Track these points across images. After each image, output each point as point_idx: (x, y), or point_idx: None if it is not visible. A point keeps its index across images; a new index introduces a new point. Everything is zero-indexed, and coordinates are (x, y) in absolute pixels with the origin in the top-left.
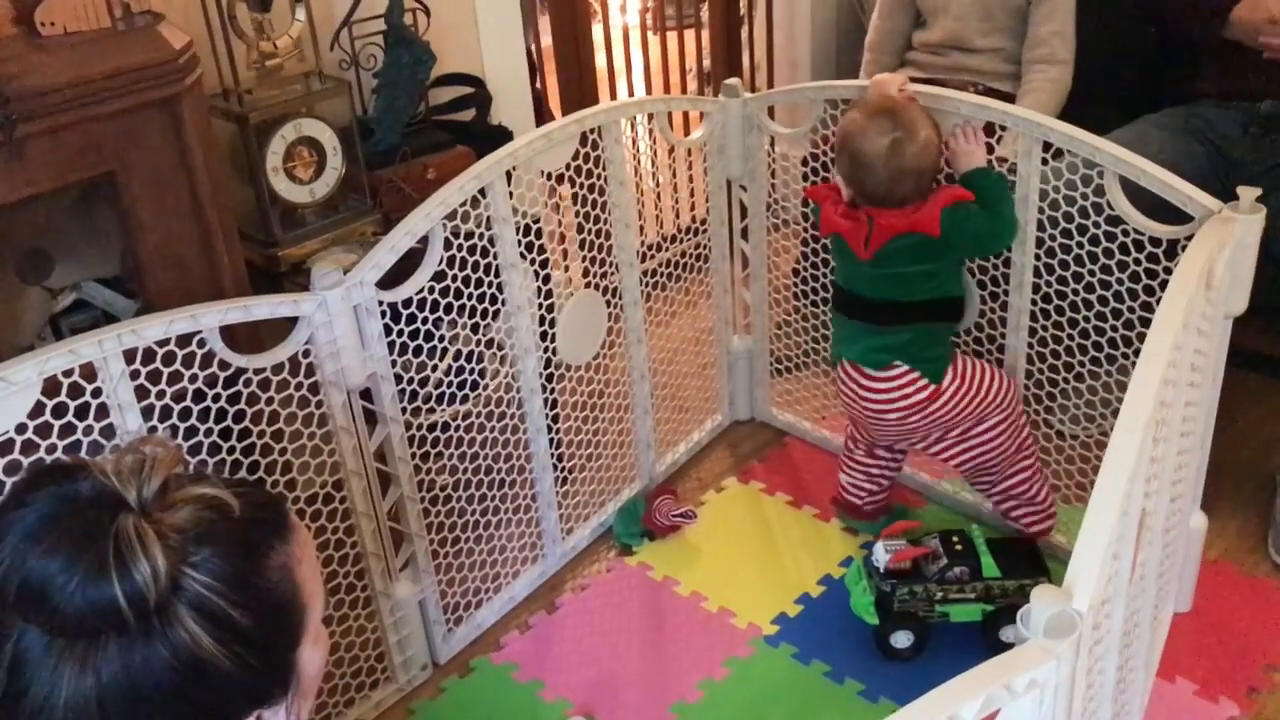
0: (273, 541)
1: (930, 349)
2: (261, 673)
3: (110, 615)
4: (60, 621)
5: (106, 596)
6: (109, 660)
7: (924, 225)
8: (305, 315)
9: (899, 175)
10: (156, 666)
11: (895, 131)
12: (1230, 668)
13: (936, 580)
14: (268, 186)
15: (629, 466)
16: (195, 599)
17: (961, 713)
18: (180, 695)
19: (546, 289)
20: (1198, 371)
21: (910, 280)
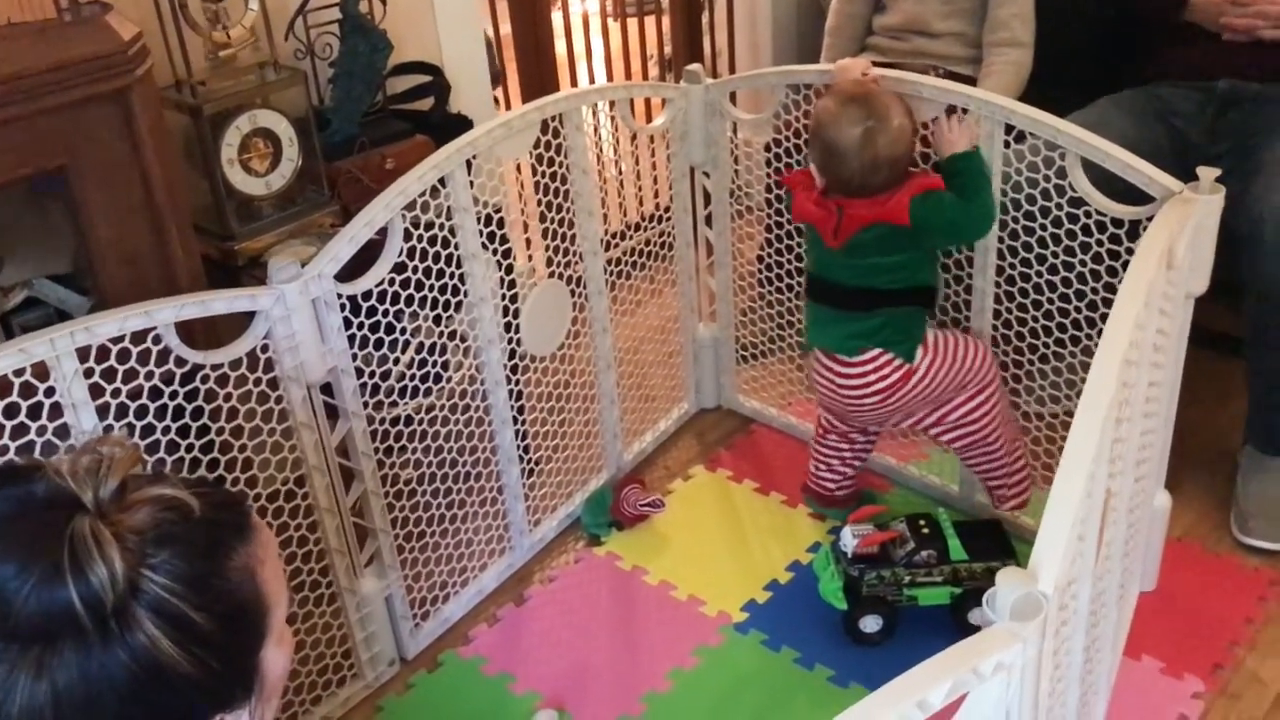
0: (234, 542)
1: (902, 331)
2: (223, 676)
3: (66, 620)
4: (14, 627)
5: (62, 600)
6: (65, 666)
7: (893, 215)
8: (263, 309)
9: (872, 165)
10: (115, 671)
11: (868, 120)
12: (1195, 645)
13: (904, 564)
14: (223, 179)
15: (596, 457)
16: (155, 602)
17: (929, 698)
18: (139, 700)
19: (509, 279)
20: (1160, 351)
21: (881, 270)
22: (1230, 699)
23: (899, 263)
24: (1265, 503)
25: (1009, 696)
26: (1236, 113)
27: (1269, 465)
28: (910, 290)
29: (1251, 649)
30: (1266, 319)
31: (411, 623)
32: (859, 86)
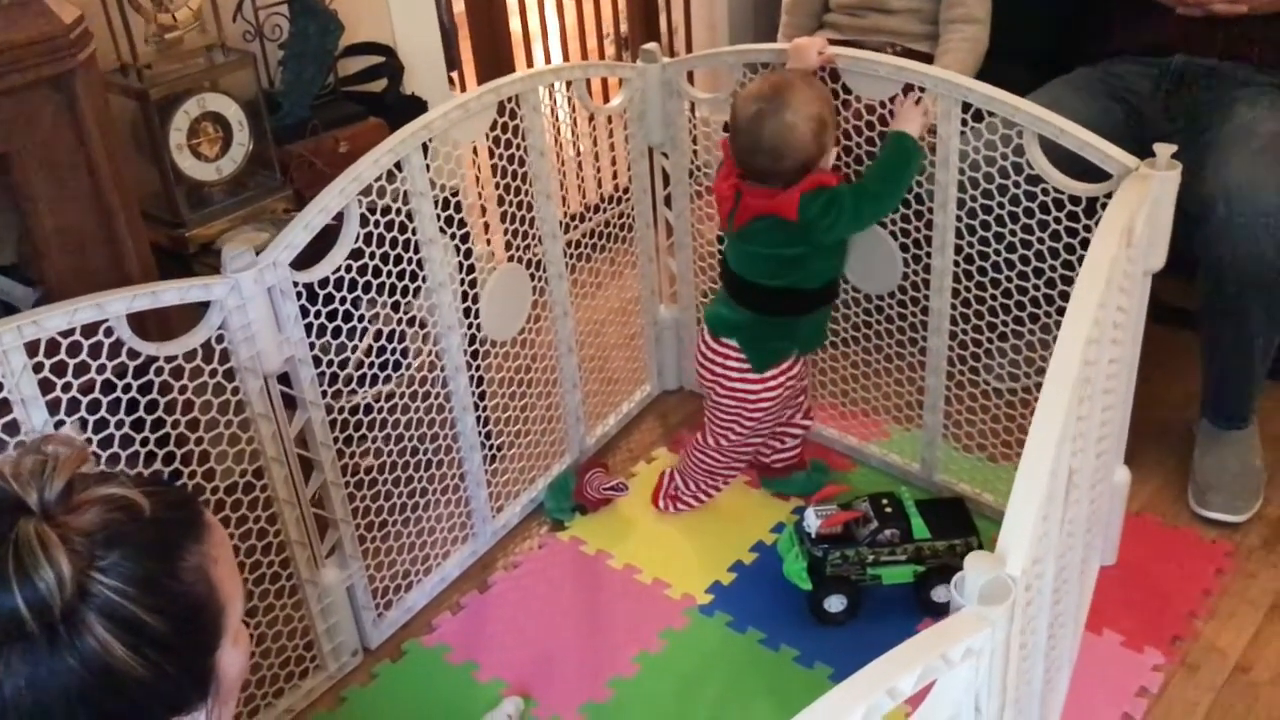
0: (186, 541)
1: (760, 340)
2: (178, 679)
3: (12, 626)
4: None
5: (7, 607)
6: (13, 673)
7: (783, 209)
8: (217, 299)
9: (769, 152)
10: (64, 677)
11: (773, 105)
12: (1155, 618)
13: (868, 543)
14: (171, 165)
15: (558, 441)
16: (105, 605)
17: (899, 685)
18: (91, 706)
19: (468, 264)
20: (1120, 328)
21: (761, 261)
22: (1189, 670)
23: (789, 258)
24: (1221, 475)
25: (978, 681)
26: (1190, 90)
27: (1224, 438)
28: (786, 292)
29: (1209, 620)
30: (1220, 294)
31: (374, 612)
32: (787, 76)
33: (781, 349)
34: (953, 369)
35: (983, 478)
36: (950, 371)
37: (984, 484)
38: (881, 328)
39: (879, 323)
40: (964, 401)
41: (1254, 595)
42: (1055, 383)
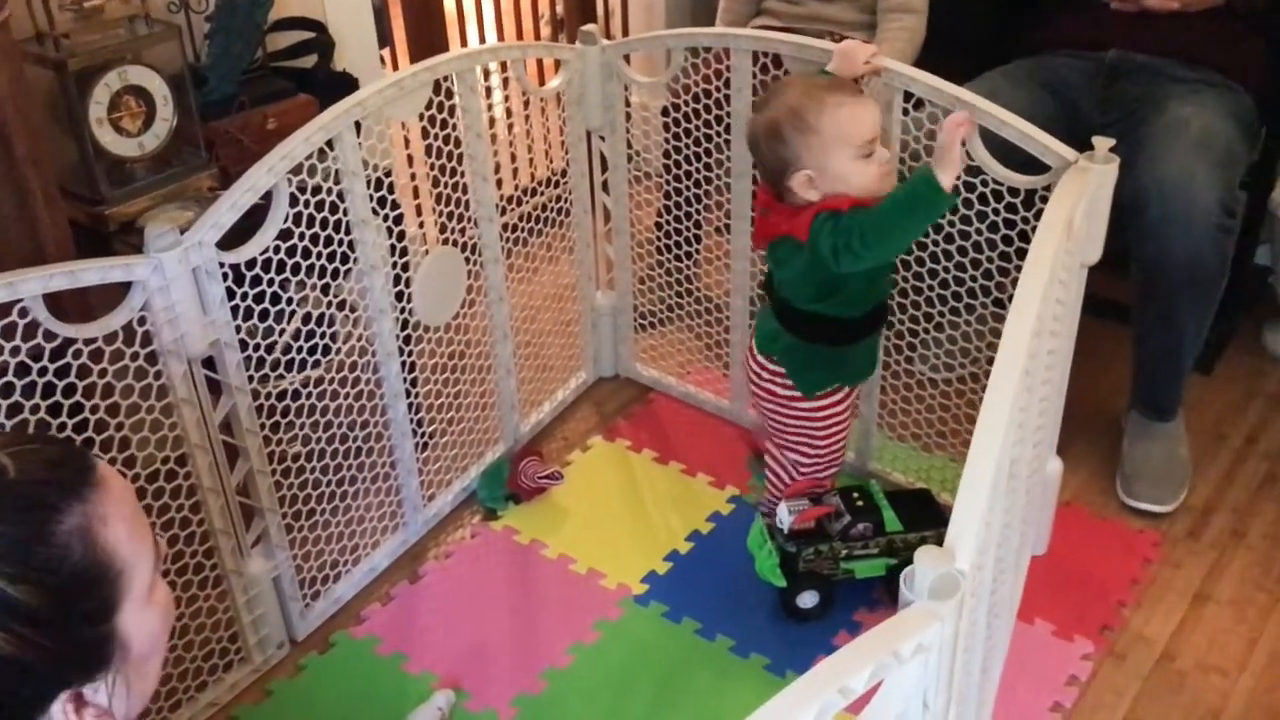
0: (63, 503)
1: (804, 365)
2: (63, 653)
3: None
4: None
5: None
6: None
7: (797, 230)
8: (139, 280)
9: (773, 167)
10: None
11: (759, 102)
12: (1084, 607)
13: (841, 538)
14: (91, 139)
15: (492, 428)
16: None
17: (851, 684)
18: None
19: (401, 246)
20: (1058, 320)
21: (801, 286)
22: (1117, 658)
23: (802, 280)
24: (1149, 466)
25: (926, 677)
26: (1125, 84)
27: (1153, 430)
28: (813, 318)
29: (1137, 609)
30: (1152, 288)
31: (301, 603)
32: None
33: (825, 379)
34: (888, 358)
35: (917, 467)
36: (886, 361)
37: (918, 473)
38: None
39: None
40: (899, 391)
41: (1180, 584)
42: (1002, 377)
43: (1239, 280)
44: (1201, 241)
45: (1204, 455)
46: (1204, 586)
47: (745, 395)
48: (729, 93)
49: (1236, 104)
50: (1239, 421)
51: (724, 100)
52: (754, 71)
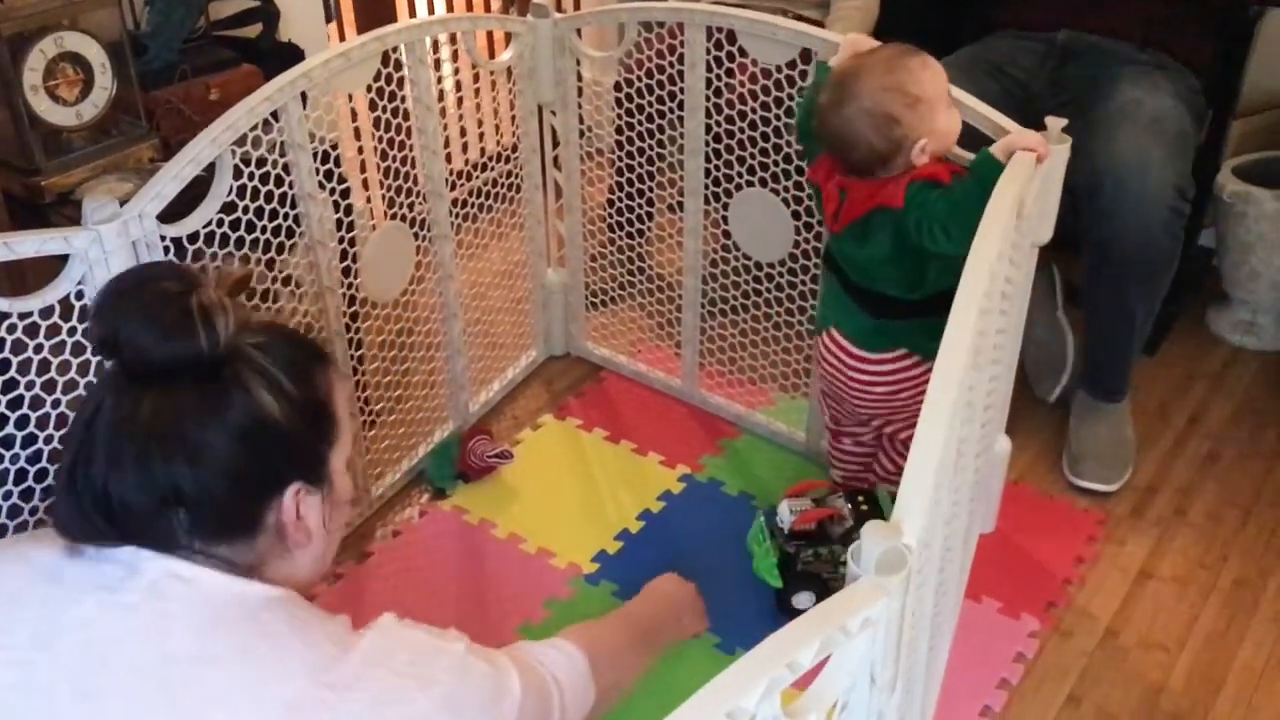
0: (318, 363)
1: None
2: (305, 442)
3: (193, 359)
4: (150, 361)
5: (192, 349)
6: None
7: (890, 198)
8: (78, 252)
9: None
10: (231, 413)
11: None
12: (1031, 585)
13: (842, 542)
14: (26, 108)
15: (441, 407)
16: (258, 366)
17: (799, 658)
18: (248, 443)
19: (348, 221)
20: (1007, 299)
21: (876, 266)
22: (1063, 636)
23: (886, 255)
24: (1095, 446)
25: (874, 652)
26: (1076, 65)
27: (1100, 410)
28: (920, 302)
29: (1082, 587)
30: (1102, 271)
31: None
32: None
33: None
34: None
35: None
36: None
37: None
38: (770, 295)
39: (768, 290)
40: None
41: (1123, 562)
42: (950, 353)
43: (1184, 263)
44: (1155, 225)
45: (1148, 435)
46: (1147, 564)
47: (696, 374)
48: (682, 68)
49: (1186, 87)
50: (1182, 402)
51: (677, 76)
52: (708, 47)
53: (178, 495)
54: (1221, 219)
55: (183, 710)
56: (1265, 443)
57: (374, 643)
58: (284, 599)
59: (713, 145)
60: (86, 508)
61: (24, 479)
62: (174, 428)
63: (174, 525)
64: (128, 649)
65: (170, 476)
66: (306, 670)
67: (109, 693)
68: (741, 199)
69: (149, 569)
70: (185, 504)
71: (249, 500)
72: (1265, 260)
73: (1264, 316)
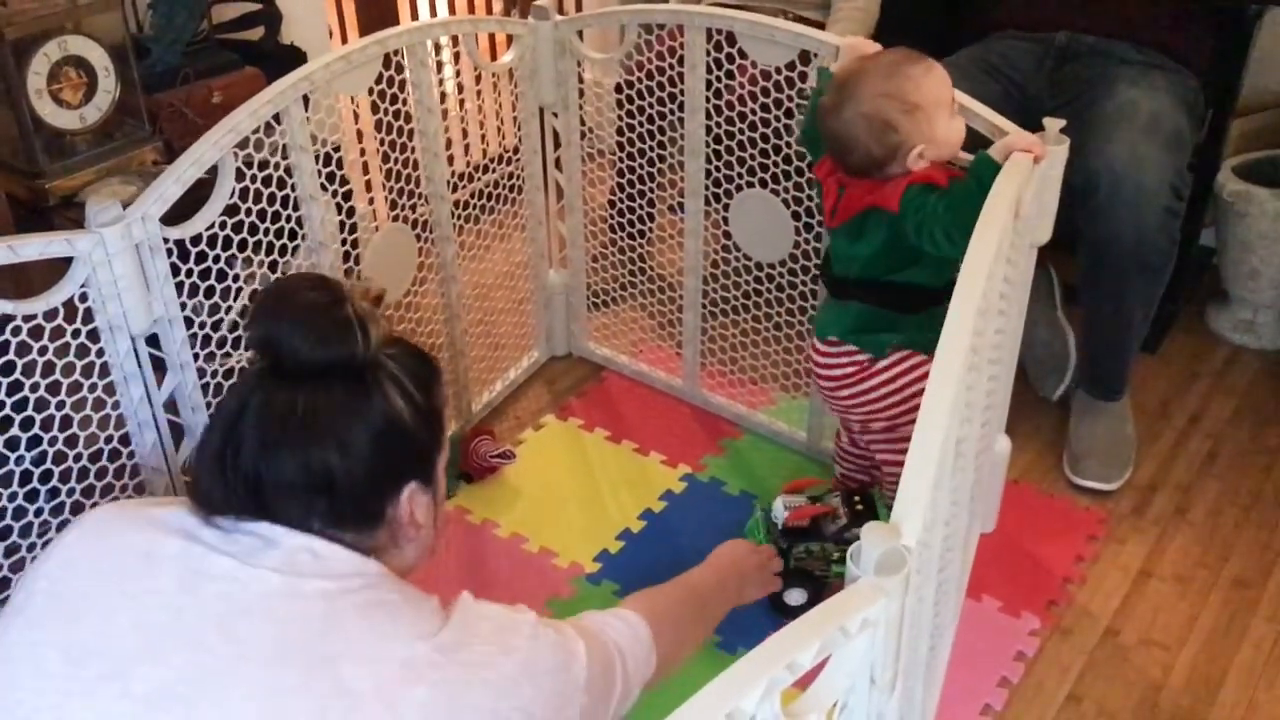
0: (437, 375)
1: (870, 327)
2: (424, 444)
3: (349, 368)
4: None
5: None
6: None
7: (886, 200)
8: (81, 255)
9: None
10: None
11: (837, 96)
12: (1031, 583)
13: (834, 540)
14: (30, 111)
15: None
16: (392, 375)
17: (799, 659)
18: (382, 440)
19: (351, 223)
20: (1006, 299)
21: (855, 258)
22: (1063, 634)
23: (884, 251)
24: (1095, 444)
25: (873, 652)
26: (1074, 66)
27: (1099, 409)
28: (885, 286)
29: (1082, 585)
30: (1099, 270)
31: None
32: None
33: (891, 340)
34: None
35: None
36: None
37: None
38: (771, 295)
39: (768, 290)
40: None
41: (1124, 561)
42: (947, 352)
43: (1184, 261)
44: (1151, 224)
45: (1148, 433)
46: (1147, 563)
47: (697, 373)
48: (683, 70)
49: (1184, 86)
50: (1183, 400)
51: (678, 78)
52: (708, 49)
53: (328, 480)
54: (1221, 218)
55: (315, 661)
56: (1266, 441)
57: (463, 614)
58: (395, 576)
59: (713, 146)
60: (235, 486)
61: (29, 481)
62: (327, 420)
63: (311, 509)
64: (268, 604)
65: (324, 462)
66: (418, 635)
67: (254, 639)
68: (742, 200)
69: (285, 542)
70: (332, 488)
71: (378, 493)
72: (1265, 259)
73: (1264, 315)
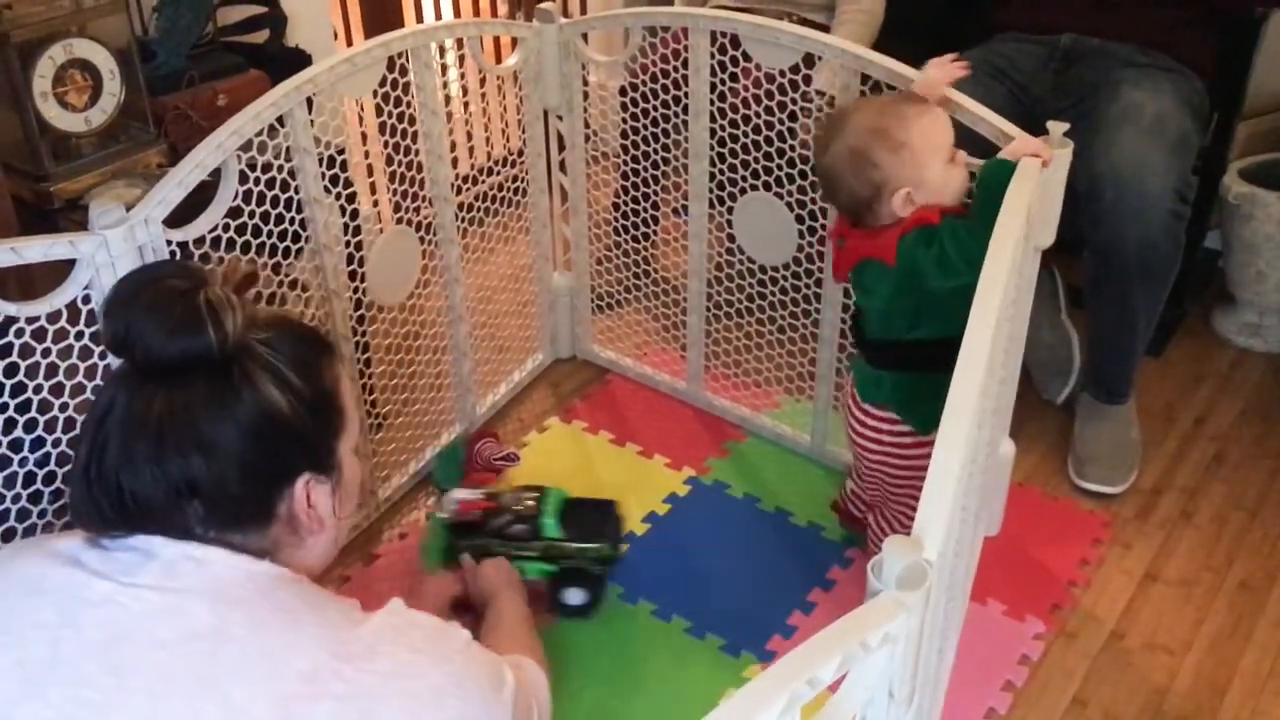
0: (324, 353)
1: (910, 397)
2: (313, 434)
3: (201, 359)
4: (153, 366)
5: (201, 344)
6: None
7: (882, 251)
8: (84, 257)
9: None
10: (242, 409)
11: (826, 131)
12: (1036, 587)
13: (498, 535)
14: (35, 114)
15: (447, 410)
16: (267, 363)
17: (820, 674)
18: (259, 438)
19: (355, 225)
20: (1013, 305)
21: (881, 316)
22: (1068, 638)
23: (893, 305)
24: (1100, 448)
25: (893, 667)
26: (1078, 68)
27: (1104, 412)
28: (914, 345)
29: (1087, 589)
30: (1104, 273)
31: None
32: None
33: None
34: (844, 340)
35: None
36: (842, 343)
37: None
38: (775, 299)
39: (772, 294)
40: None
41: (1129, 565)
42: (969, 363)
43: (1189, 264)
44: (1155, 228)
45: (1153, 437)
46: (1152, 567)
47: (701, 376)
48: (687, 73)
49: (1189, 89)
50: (1188, 404)
51: (682, 80)
52: (712, 52)
53: (191, 487)
54: (1227, 221)
55: (202, 685)
56: (1271, 445)
57: (386, 620)
58: (295, 578)
59: (717, 149)
60: (100, 500)
61: (32, 482)
62: (186, 422)
63: (188, 515)
64: (149, 626)
65: (184, 469)
66: (320, 643)
67: (134, 668)
68: (746, 203)
69: (164, 553)
70: (199, 495)
71: (261, 490)
72: (1271, 262)
73: (1270, 318)
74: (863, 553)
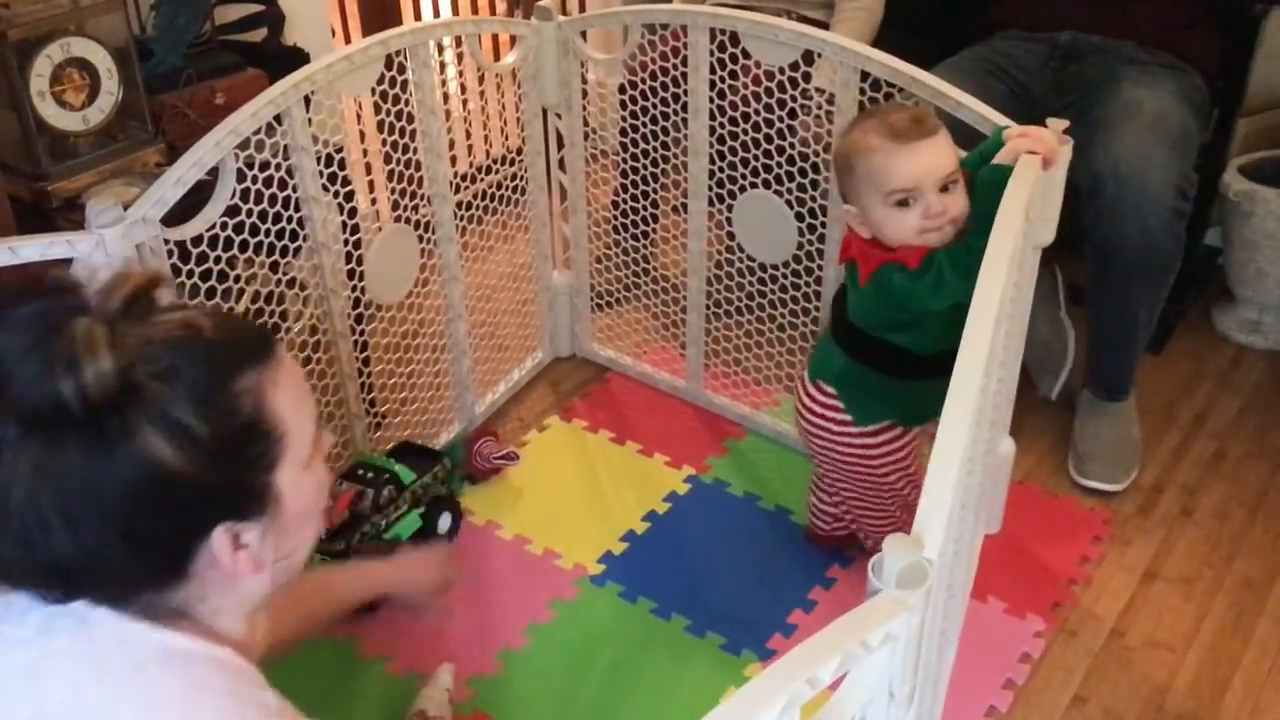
0: (244, 365)
1: (857, 390)
2: (225, 484)
3: (58, 414)
4: (18, 413)
5: (53, 394)
6: (69, 460)
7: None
8: (81, 256)
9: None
10: (119, 469)
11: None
12: (1036, 585)
13: (375, 510)
14: (33, 113)
15: (447, 409)
16: (153, 406)
17: (819, 674)
18: (143, 501)
19: (353, 224)
20: (1012, 303)
21: (862, 310)
22: (1069, 635)
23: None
24: (1101, 445)
25: (893, 666)
26: (1078, 66)
27: (1105, 410)
28: (876, 344)
29: (1087, 587)
30: (1104, 270)
31: None
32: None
33: (881, 411)
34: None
35: None
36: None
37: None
38: (775, 296)
39: (773, 291)
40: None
41: (1129, 562)
42: (969, 362)
43: (1190, 261)
44: (1156, 225)
45: (1154, 434)
46: (1153, 564)
47: (701, 374)
48: (686, 70)
49: (1190, 86)
50: (1188, 401)
51: (681, 78)
52: (711, 49)
53: (59, 567)
54: (1227, 218)
55: None
56: (1271, 442)
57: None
58: (188, 656)
59: (716, 147)
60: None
61: None
62: (48, 490)
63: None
64: (8, 689)
65: (48, 548)
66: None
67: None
68: (745, 200)
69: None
70: (71, 575)
71: (155, 561)
72: (1271, 259)
73: (1270, 315)
74: (862, 551)
